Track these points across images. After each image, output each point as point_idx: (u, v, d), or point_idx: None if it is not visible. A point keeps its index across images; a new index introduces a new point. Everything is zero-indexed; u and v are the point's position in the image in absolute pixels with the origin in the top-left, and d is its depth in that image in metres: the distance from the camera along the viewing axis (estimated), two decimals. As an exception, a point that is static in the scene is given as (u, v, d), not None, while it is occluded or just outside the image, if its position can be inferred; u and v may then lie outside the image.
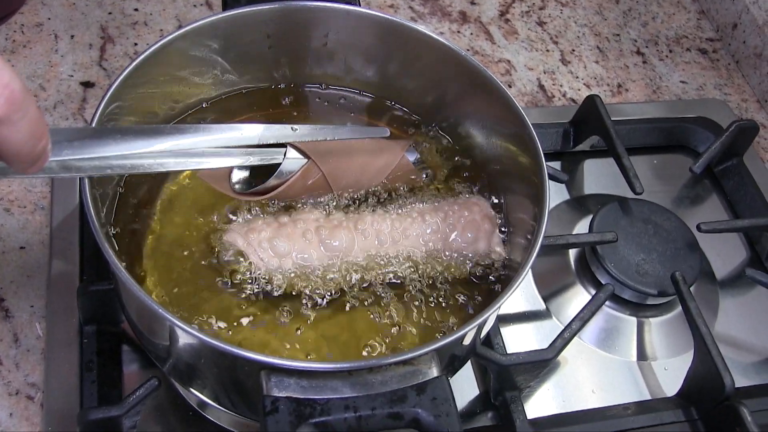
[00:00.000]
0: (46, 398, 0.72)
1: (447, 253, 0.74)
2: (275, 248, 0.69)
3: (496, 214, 0.77)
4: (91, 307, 0.74)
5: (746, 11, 1.16)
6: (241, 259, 0.70)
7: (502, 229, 0.77)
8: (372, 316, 0.70)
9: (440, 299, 0.72)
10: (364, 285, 0.71)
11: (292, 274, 0.69)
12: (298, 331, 0.68)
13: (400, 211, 0.75)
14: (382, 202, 0.76)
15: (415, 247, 0.73)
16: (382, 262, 0.72)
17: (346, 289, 0.70)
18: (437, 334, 0.70)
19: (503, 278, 0.74)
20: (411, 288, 0.71)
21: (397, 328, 0.69)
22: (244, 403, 0.65)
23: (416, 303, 0.71)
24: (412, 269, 0.72)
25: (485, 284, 0.74)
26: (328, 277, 0.70)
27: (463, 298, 0.72)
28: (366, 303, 0.70)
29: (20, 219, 0.84)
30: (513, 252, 0.75)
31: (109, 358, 0.75)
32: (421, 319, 0.70)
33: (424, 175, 0.79)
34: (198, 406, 0.74)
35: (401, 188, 0.78)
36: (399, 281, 0.72)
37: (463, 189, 0.79)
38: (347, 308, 0.69)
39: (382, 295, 0.71)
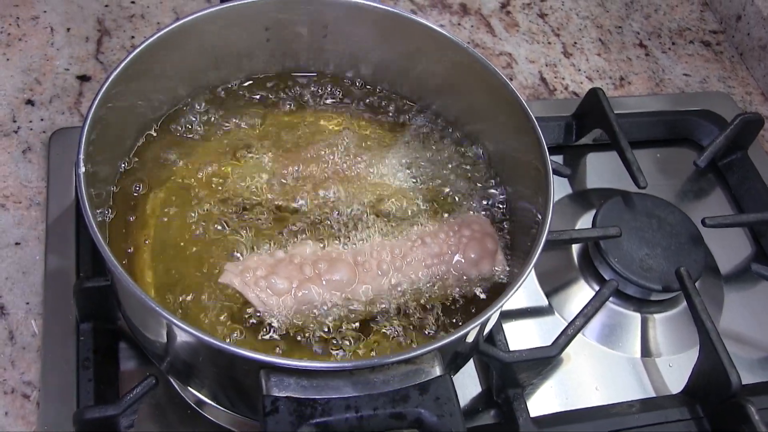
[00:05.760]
0: (42, 397, 0.71)
1: (452, 274, 0.71)
2: (273, 286, 0.66)
3: (497, 227, 0.75)
4: (87, 304, 0.73)
5: (751, 2, 1.15)
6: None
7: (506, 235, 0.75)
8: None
9: (445, 324, 0.69)
10: (369, 319, 0.68)
11: (293, 313, 0.67)
12: None
13: (398, 235, 0.72)
14: (379, 224, 0.73)
15: (418, 272, 0.70)
16: (385, 293, 0.69)
17: (348, 325, 0.67)
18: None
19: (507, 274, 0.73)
20: (416, 317, 0.69)
21: None
22: (243, 402, 0.64)
23: (426, 331, 0.68)
24: (416, 296, 0.69)
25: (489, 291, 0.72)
26: (330, 314, 0.67)
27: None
28: (369, 339, 0.67)
29: (15, 214, 0.83)
30: (516, 248, 0.74)
31: (105, 355, 0.74)
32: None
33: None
34: (196, 405, 0.73)
35: (396, 205, 0.75)
36: (403, 311, 0.69)
37: (465, 184, 0.78)
38: (350, 345, 0.67)
39: (388, 330, 0.68)
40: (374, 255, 0.70)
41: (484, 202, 0.77)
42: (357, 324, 0.67)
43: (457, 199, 0.77)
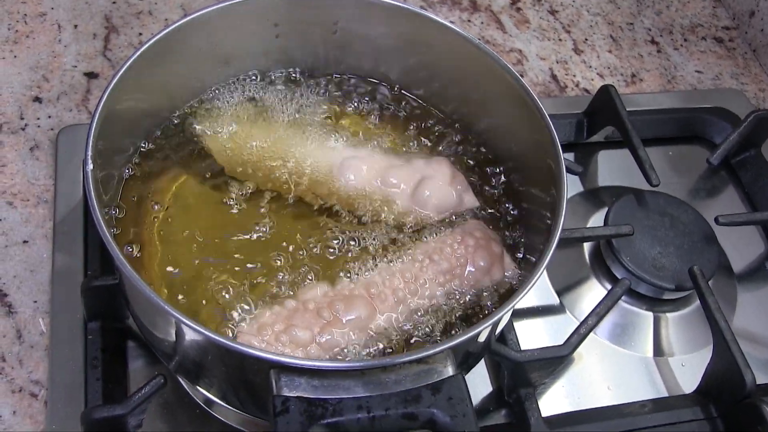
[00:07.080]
0: (50, 396, 0.70)
1: (466, 286, 0.70)
2: (295, 339, 0.63)
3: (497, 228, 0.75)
4: (95, 303, 0.73)
5: (763, -1, 1.14)
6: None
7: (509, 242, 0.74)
8: None
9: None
10: (397, 348, 0.66)
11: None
12: None
13: (403, 258, 0.70)
14: (381, 246, 0.72)
15: (434, 292, 0.69)
16: (406, 321, 0.67)
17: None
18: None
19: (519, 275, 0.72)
20: (440, 336, 0.68)
21: None
22: (253, 402, 0.64)
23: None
24: (437, 316, 0.68)
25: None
26: (361, 353, 0.65)
27: None
28: None
29: (23, 212, 0.83)
30: (528, 248, 0.73)
31: (114, 354, 0.74)
32: None
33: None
34: (205, 404, 0.73)
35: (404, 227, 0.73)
36: (429, 333, 0.68)
37: (475, 182, 0.77)
38: None
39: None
40: (386, 284, 0.67)
41: (494, 201, 0.77)
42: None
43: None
